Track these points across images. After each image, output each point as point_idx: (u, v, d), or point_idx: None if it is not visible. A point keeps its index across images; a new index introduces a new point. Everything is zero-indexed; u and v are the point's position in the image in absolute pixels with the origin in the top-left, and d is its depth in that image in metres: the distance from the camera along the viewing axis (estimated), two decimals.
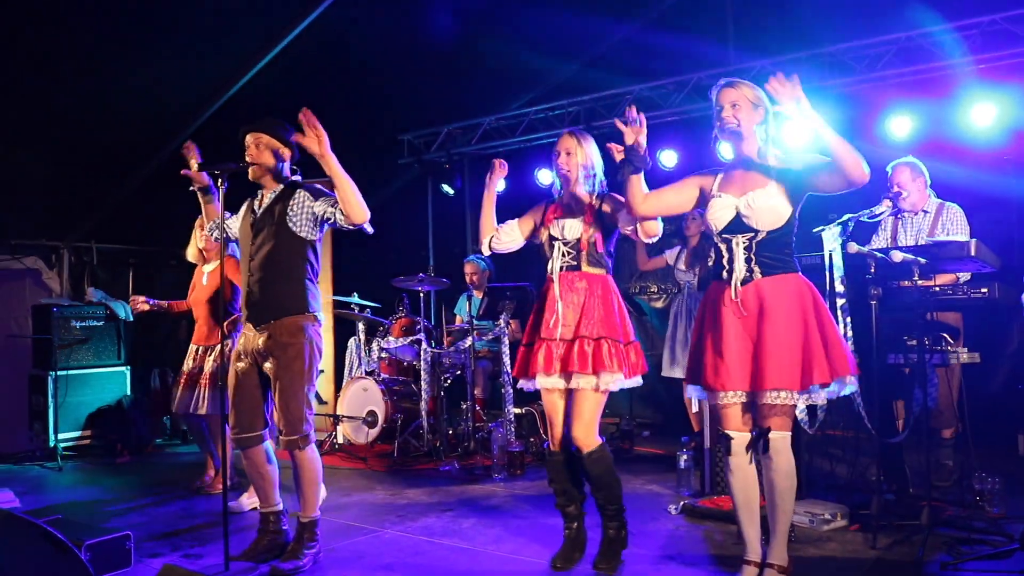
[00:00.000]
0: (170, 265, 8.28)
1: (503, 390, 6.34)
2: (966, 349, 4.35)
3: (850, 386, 3.34)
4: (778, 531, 3.35)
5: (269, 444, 4.13)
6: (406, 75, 7.89)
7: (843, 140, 3.15)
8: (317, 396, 7.36)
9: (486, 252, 4.19)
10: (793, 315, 3.25)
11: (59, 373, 7.10)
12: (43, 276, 8.27)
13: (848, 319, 4.29)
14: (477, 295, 7.50)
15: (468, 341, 6.63)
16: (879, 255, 4.13)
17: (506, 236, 4.12)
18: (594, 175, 3.92)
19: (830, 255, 4.27)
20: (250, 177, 4.07)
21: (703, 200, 3.53)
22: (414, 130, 9.16)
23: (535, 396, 4.14)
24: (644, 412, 8.17)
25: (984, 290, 4.40)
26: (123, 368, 7.57)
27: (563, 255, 3.86)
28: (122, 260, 8.24)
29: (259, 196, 4.13)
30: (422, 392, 6.81)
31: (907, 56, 6.47)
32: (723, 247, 3.42)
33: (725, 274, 3.38)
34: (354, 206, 3.82)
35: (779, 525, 3.34)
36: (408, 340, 7.06)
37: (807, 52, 6.80)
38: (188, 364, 5.61)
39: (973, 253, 4.06)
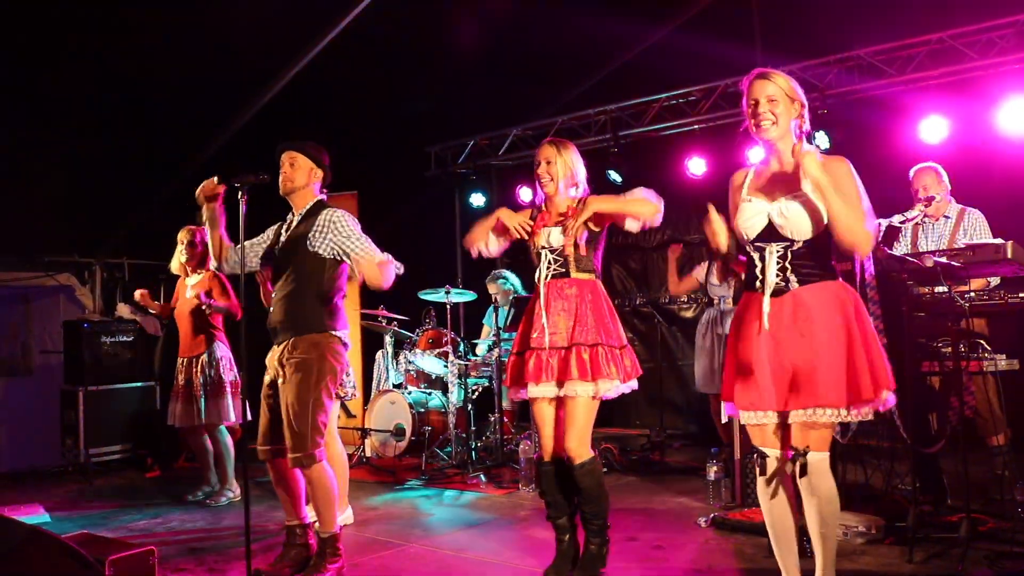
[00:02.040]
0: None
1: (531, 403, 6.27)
2: (1004, 356, 4.22)
3: (890, 399, 3.05)
4: (825, 555, 3.07)
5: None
6: (433, 87, 7.90)
7: (852, 209, 2.93)
8: (345, 409, 7.40)
9: (474, 254, 4.11)
10: (835, 327, 2.98)
11: (90, 389, 7.17)
12: (76, 292, 8.36)
13: (880, 326, 4.19)
14: (504, 307, 7.45)
15: (495, 353, 6.58)
16: (911, 260, 4.03)
17: (493, 245, 4.05)
18: (576, 182, 3.88)
19: (861, 261, 4.17)
20: (281, 191, 4.10)
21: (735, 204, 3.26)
22: (441, 142, 9.16)
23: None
24: (675, 423, 8.07)
25: (1022, 295, 4.27)
26: (153, 383, 7.60)
27: (550, 263, 3.82)
28: (153, 275, 8.28)
29: (287, 219, 4.17)
30: (450, 405, 6.77)
31: (940, 58, 6.35)
32: (755, 256, 3.14)
33: (758, 284, 3.12)
34: (370, 278, 3.93)
35: (825, 552, 3.06)
36: (435, 352, 7.03)
37: (836, 55, 6.71)
38: (179, 379, 5.80)
39: (1010, 255, 3.93)
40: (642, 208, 3.70)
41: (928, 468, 4.55)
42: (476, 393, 7.05)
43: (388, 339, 7.59)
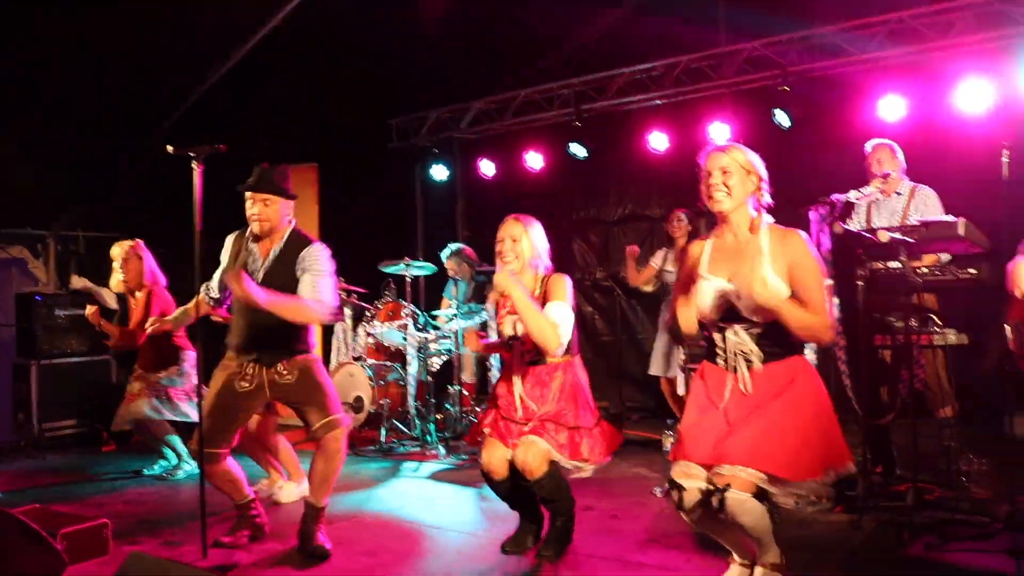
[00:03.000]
0: (158, 253, 8.22)
1: (490, 374, 6.30)
2: (954, 331, 4.31)
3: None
4: (763, 543, 3.01)
5: (231, 460, 4.11)
6: (395, 59, 7.82)
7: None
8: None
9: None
10: (790, 399, 2.91)
11: (43, 362, 7.05)
12: (29, 265, 8.22)
13: (836, 300, 4.26)
14: (463, 280, 7.43)
15: (455, 325, 6.58)
16: (866, 236, 4.09)
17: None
18: (540, 259, 3.84)
19: (817, 235, 4.22)
20: (257, 231, 4.05)
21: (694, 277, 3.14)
22: (403, 114, 9.08)
23: None
24: (633, 397, 8.13)
25: (973, 271, 4.35)
26: (108, 358, 7.50)
27: (523, 354, 3.79)
28: (108, 249, 8.18)
29: (249, 235, 4.12)
30: (409, 377, 6.77)
31: (899, 38, 6.40)
32: (716, 335, 3.07)
33: (721, 361, 3.06)
34: (313, 320, 4.04)
35: (763, 542, 3.01)
36: (395, 325, 7.01)
37: (799, 33, 6.74)
38: (133, 385, 5.68)
39: (962, 233, 4.01)
40: (538, 332, 3.60)
41: (878, 440, 4.65)
42: (436, 366, 7.05)
43: (347, 311, 7.55)
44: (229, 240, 4.22)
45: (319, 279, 3.96)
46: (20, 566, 3.24)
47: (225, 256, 4.22)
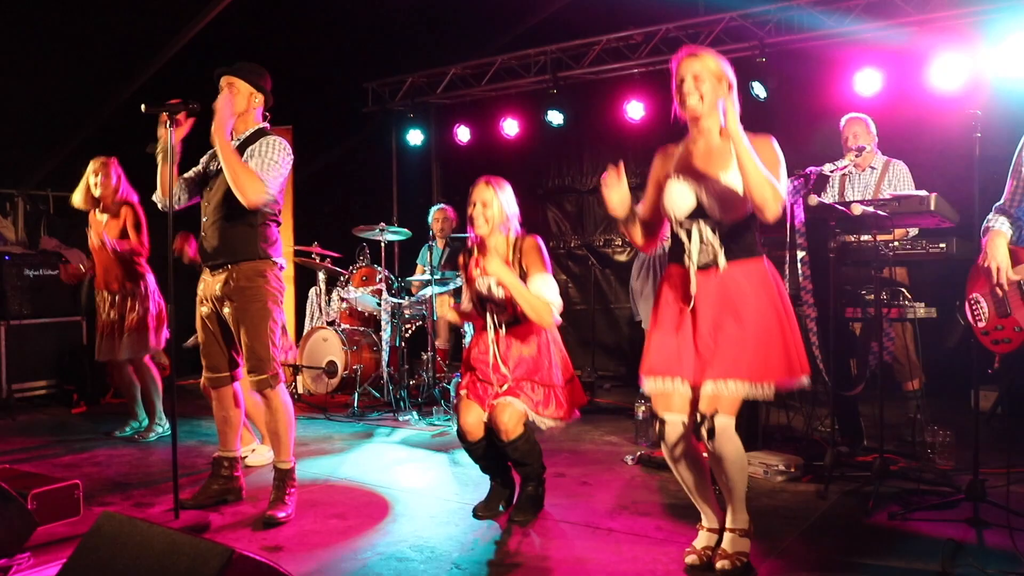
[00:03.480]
0: None
1: (464, 341, 6.31)
2: (923, 304, 4.37)
3: (804, 381, 3.07)
4: (735, 501, 3.16)
5: (237, 387, 4.17)
6: (372, 22, 7.72)
7: (765, 177, 2.89)
8: None
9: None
10: (762, 305, 3.03)
11: (12, 323, 6.98)
12: None
13: (808, 272, 4.30)
14: (439, 245, 7.43)
15: (429, 291, 6.58)
16: (839, 208, 4.12)
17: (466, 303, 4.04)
18: (509, 223, 3.84)
19: (791, 207, 4.25)
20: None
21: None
22: (379, 78, 9.00)
23: None
24: (607, 365, 8.20)
25: (942, 245, 4.41)
26: (79, 319, 7.43)
27: (496, 315, 3.83)
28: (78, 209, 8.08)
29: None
30: (382, 343, 6.77)
31: (877, 11, 6.42)
32: (683, 234, 3.14)
33: (686, 259, 3.12)
34: (240, 189, 3.73)
35: (735, 499, 3.15)
36: (369, 290, 6.99)
37: (776, 4, 6.74)
38: (103, 312, 5.69)
39: (933, 207, 4.05)
40: (533, 311, 3.67)
41: (846, 411, 4.72)
42: (409, 331, 7.05)
43: (321, 276, 7.53)
44: None
45: (265, 163, 3.79)
46: None
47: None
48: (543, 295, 3.68)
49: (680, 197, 3.12)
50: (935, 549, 3.24)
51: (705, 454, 3.16)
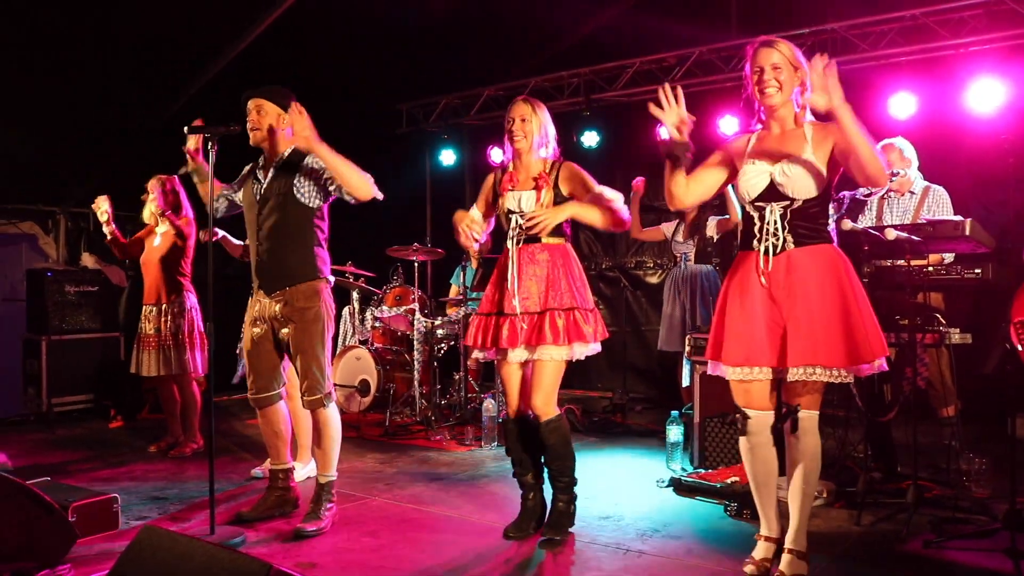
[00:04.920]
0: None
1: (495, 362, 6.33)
2: (957, 330, 4.33)
3: (883, 365, 3.17)
4: (800, 516, 3.21)
5: (284, 404, 4.26)
6: (406, 44, 7.83)
7: (868, 140, 2.97)
8: None
9: (475, 256, 4.13)
10: (829, 288, 3.11)
11: (53, 338, 7.12)
12: (39, 241, 8.26)
13: None
14: (472, 265, 7.48)
15: (462, 311, 6.63)
16: (872, 233, 4.11)
17: (478, 229, 4.01)
18: (548, 142, 3.90)
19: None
20: (251, 142, 4.10)
21: (735, 173, 3.36)
22: (413, 99, 9.11)
23: None
24: (637, 387, 8.18)
25: (978, 271, 4.38)
26: (117, 335, 7.56)
27: (521, 228, 3.84)
28: (119, 226, 8.23)
29: (261, 163, 4.14)
30: (415, 362, 6.82)
31: (911, 35, 6.41)
32: (755, 215, 3.25)
33: (756, 243, 3.24)
34: (355, 187, 3.86)
35: (802, 510, 3.21)
36: (402, 310, 7.05)
37: (810, 28, 6.75)
38: (145, 326, 5.77)
39: (968, 232, 4.02)
40: (605, 218, 3.74)
41: (880, 436, 4.68)
42: (442, 351, 7.10)
43: (355, 295, 7.61)
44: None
45: (333, 160, 3.83)
46: (33, 537, 3.30)
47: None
48: (607, 196, 3.73)
49: (754, 178, 3.23)
50: None
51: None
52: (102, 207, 5.82)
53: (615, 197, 3.77)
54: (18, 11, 5.99)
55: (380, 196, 3.94)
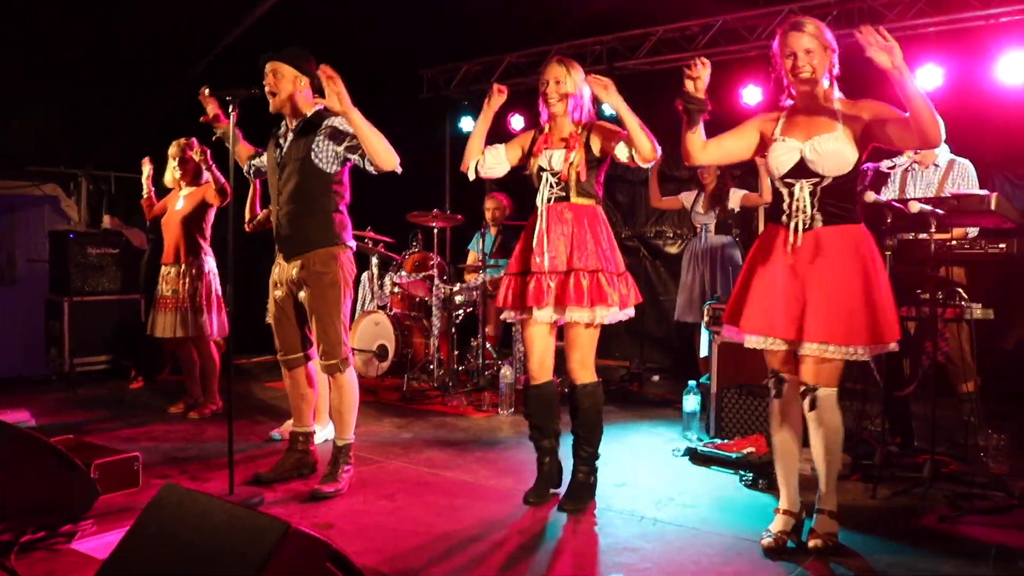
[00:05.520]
0: None
1: (514, 328, 6.35)
2: (979, 305, 4.30)
3: (894, 347, 3.22)
4: (828, 479, 3.29)
5: (312, 366, 4.31)
6: (427, 9, 7.77)
7: (927, 100, 2.98)
8: None
9: (471, 176, 4.09)
10: (852, 268, 3.15)
11: (75, 299, 7.19)
12: (61, 203, 8.33)
13: None
14: (492, 232, 7.48)
15: (480, 278, 6.64)
16: (897, 205, 4.07)
17: (491, 159, 4.03)
18: (582, 104, 3.87)
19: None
20: (271, 108, 4.09)
21: (764, 144, 3.41)
22: (434, 65, 9.06)
23: None
24: (654, 356, 8.18)
25: (1002, 246, 4.35)
26: (137, 296, 7.62)
27: (551, 186, 3.83)
28: (139, 189, 8.28)
29: (282, 128, 4.13)
30: (433, 328, 6.84)
31: (941, 5, 6.30)
32: (784, 191, 3.29)
33: (785, 218, 3.27)
34: (382, 157, 3.83)
35: (829, 474, 3.29)
36: (420, 276, 7.07)
37: None
38: (162, 287, 5.80)
39: (994, 207, 3.98)
40: (645, 142, 3.68)
41: (898, 410, 4.67)
42: (460, 317, 7.11)
43: (374, 260, 7.63)
44: None
45: (358, 128, 3.79)
46: (56, 492, 3.37)
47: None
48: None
49: (784, 154, 3.27)
50: (986, 554, 3.21)
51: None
52: (145, 170, 5.95)
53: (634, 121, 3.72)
54: None
55: (400, 170, 3.91)
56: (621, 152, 3.74)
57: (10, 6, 6.12)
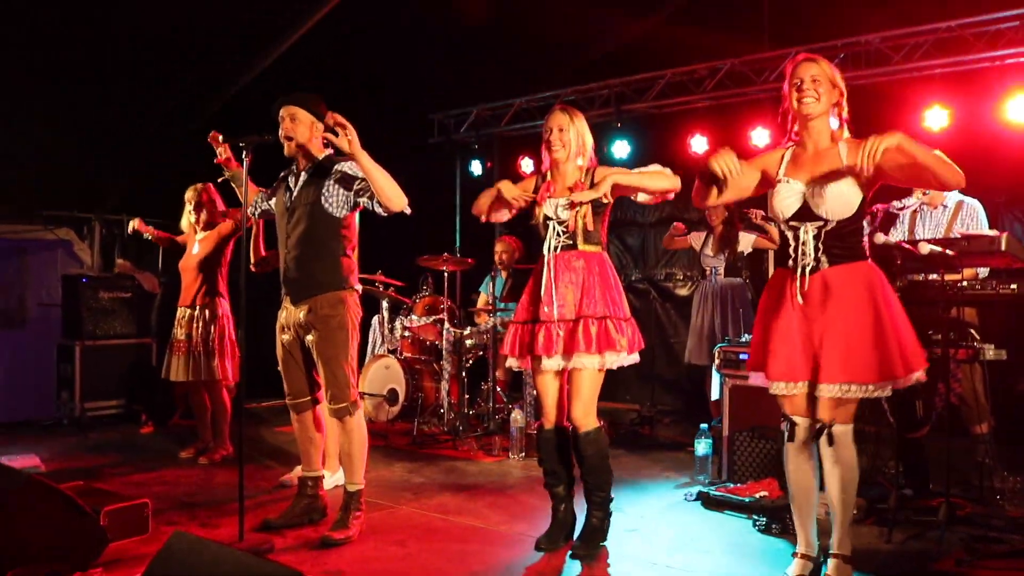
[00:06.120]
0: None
1: (524, 372, 6.34)
2: (992, 346, 4.28)
3: (921, 377, 3.21)
4: (842, 522, 3.26)
5: (320, 410, 4.30)
6: (438, 54, 7.88)
7: (939, 158, 3.01)
8: None
9: (482, 220, 4.11)
10: (862, 305, 3.13)
11: (87, 343, 7.22)
12: (74, 247, 8.38)
13: None
14: (502, 275, 7.49)
15: (491, 321, 6.64)
16: (906, 247, 4.07)
17: (496, 215, 4.04)
18: (585, 151, 3.89)
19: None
20: (285, 152, 4.13)
21: (766, 182, 3.39)
22: (444, 110, 9.16)
23: None
24: (665, 400, 8.14)
25: (1013, 286, 4.33)
26: (149, 341, 7.64)
27: (558, 235, 3.84)
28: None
29: (293, 171, 4.17)
30: (443, 372, 6.83)
31: (946, 47, 6.35)
32: (790, 235, 3.29)
33: (791, 262, 3.27)
34: (391, 197, 3.86)
35: (843, 516, 3.26)
36: (431, 319, 7.07)
37: (843, 40, 6.71)
38: (177, 331, 5.81)
39: (1004, 247, 3.98)
40: (659, 183, 3.74)
41: (912, 453, 4.62)
42: (470, 361, 7.11)
43: (385, 304, 7.64)
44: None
45: (366, 171, 3.83)
46: (65, 539, 3.35)
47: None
48: (650, 169, 3.76)
49: (788, 198, 3.26)
50: None
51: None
52: (131, 226, 6.06)
53: (657, 168, 3.78)
54: (54, 17, 6.09)
55: (409, 211, 3.94)
56: (643, 197, 3.84)
57: (21, 38, 6.21)
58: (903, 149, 2.98)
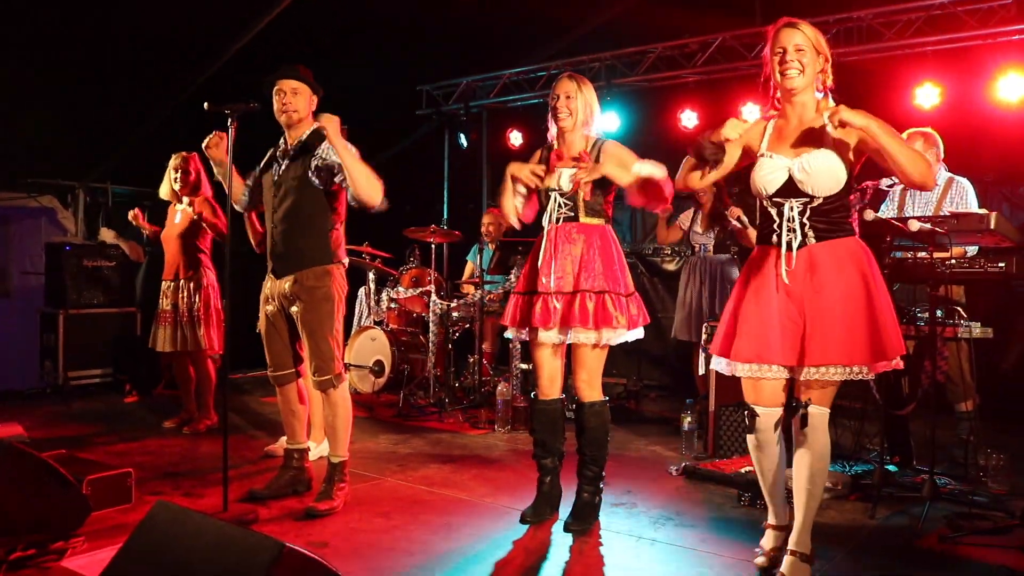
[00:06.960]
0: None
1: (511, 345, 6.33)
2: (978, 324, 4.28)
3: (899, 363, 3.03)
4: (804, 516, 3.06)
5: (302, 383, 4.28)
6: (427, 25, 7.79)
7: (907, 149, 2.85)
8: None
9: (518, 227, 4.04)
10: (851, 283, 2.96)
11: (70, 312, 7.16)
12: (58, 215, 8.30)
13: None
14: (490, 247, 7.46)
15: (478, 294, 6.62)
16: (895, 224, 4.06)
17: (521, 200, 3.96)
18: (592, 120, 3.84)
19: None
20: (284, 123, 4.09)
21: (747, 156, 3.20)
22: (433, 81, 9.08)
23: None
24: (652, 374, 8.16)
25: (1001, 265, 4.33)
26: (133, 310, 7.59)
27: (560, 206, 3.80)
28: (137, 201, 8.26)
29: (281, 146, 4.12)
30: (430, 344, 6.81)
31: (939, 24, 6.33)
32: (773, 211, 3.09)
33: (775, 239, 3.07)
34: (365, 191, 3.84)
35: (806, 510, 3.06)
36: (418, 291, 7.04)
37: (835, 15, 6.66)
38: (163, 302, 5.78)
39: (993, 226, 3.97)
40: (654, 192, 3.67)
41: (897, 430, 4.65)
42: (457, 334, 7.09)
43: (371, 276, 7.61)
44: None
45: (350, 158, 3.82)
46: (47, 508, 3.33)
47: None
48: (649, 168, 3.65)
49: (771, 173, 3.07)
50: (986, 575, 3.18)
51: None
52: (134, 218, 6.06)
53: (655, 171, 3.66)
54: None
55: (385, 207, 3.93)
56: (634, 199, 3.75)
57: (9, 7, 6.11)
58: (868, 135, 2.84)
